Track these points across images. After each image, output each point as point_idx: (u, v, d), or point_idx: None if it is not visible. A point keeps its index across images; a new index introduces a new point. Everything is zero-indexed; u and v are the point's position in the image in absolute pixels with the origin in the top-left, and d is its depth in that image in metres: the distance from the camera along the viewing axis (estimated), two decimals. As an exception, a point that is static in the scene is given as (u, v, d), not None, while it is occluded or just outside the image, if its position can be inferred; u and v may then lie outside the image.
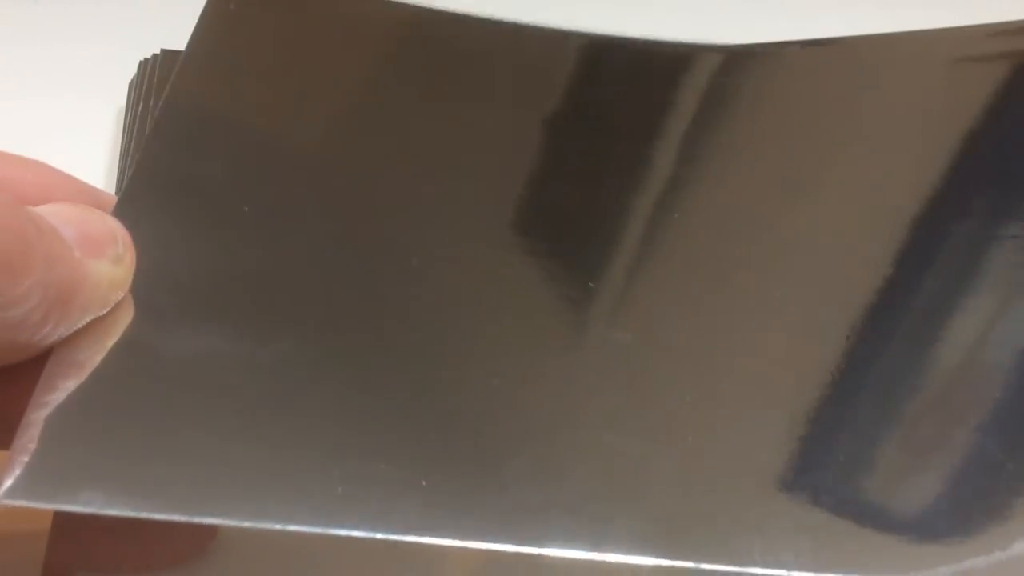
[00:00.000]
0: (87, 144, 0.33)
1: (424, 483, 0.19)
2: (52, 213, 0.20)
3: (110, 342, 0.20)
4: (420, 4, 0.32)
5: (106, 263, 0.20)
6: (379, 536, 0.18)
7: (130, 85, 0.33)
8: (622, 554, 0.18)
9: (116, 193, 0.28)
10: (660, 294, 0.25)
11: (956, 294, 0.25)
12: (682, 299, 0.25)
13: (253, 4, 0.30)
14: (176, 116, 0.26)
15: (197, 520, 0.17)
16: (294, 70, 0.29)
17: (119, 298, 0.21)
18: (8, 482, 0.17)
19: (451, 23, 0.31)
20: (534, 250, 0.25)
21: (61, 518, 0.21)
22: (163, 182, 0.24)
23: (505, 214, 0.26)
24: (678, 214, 0.27)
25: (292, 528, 0.18)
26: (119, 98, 0.33)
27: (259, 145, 0.27)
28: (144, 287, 0.21)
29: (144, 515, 0.17)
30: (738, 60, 0.32)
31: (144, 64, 0.33)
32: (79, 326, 0.20)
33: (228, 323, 0.22)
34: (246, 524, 0.17)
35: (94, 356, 0.20)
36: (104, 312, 0.20)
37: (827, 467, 0.21)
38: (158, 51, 0.33)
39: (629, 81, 0.31)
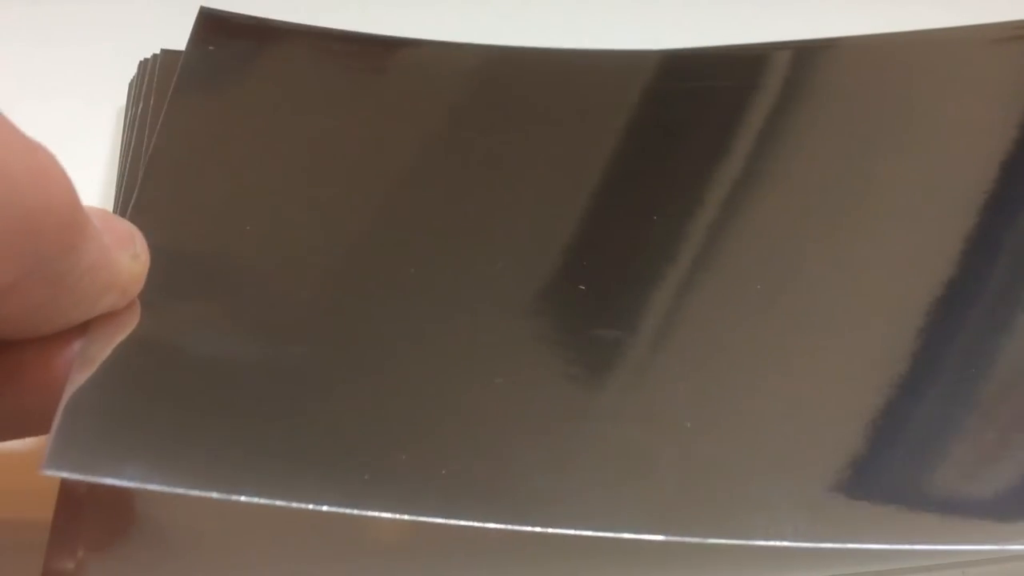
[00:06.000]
0: (87, 144, 0.33)
1: (444, 472, 0.20)
2: None
3: (136, 335, 0.21)
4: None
5: (126, 257, 0.21)
6: (407, 518, 0.19)
7: (130, 85, 0.33)
8: (631, 533, 0.19)
9: (116, 192, 0.28)
10: (669, 294, 0.25)
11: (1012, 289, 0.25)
12: (692, 300, 0.25)
13: (230, 45, 0.31)
14: (172, 147, 0.27)
15: (234, 498, 0.18)
16: (277, 104, 0.30)
17: (135, 292, 0.21)
18: (51, 454, 0.17)
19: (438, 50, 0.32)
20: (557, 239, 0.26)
21: (61, 521, 0.21)
22: (165, 205, 0.25)
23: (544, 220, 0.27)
24: (728, 217, 0.27)
25: (325, 509, 0.18)
26: (119, 98, 0.33)
27: (259, 177, 0.28)
28: (158, 293, 0.22)
29: (183, 491, 0.18)
30: (742, 63, 0.32)
31: (144, 64, 0.33)
32: (97, 309, 0.20)
33: (244, 329, 0.23)
34: (279, 503, 0.18)
35: (123, 347, 0.21)
36: (121, 304, 0.21)
37: (824, 446, 0.22)
38: (158, 51, 0.33)
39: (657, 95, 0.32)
